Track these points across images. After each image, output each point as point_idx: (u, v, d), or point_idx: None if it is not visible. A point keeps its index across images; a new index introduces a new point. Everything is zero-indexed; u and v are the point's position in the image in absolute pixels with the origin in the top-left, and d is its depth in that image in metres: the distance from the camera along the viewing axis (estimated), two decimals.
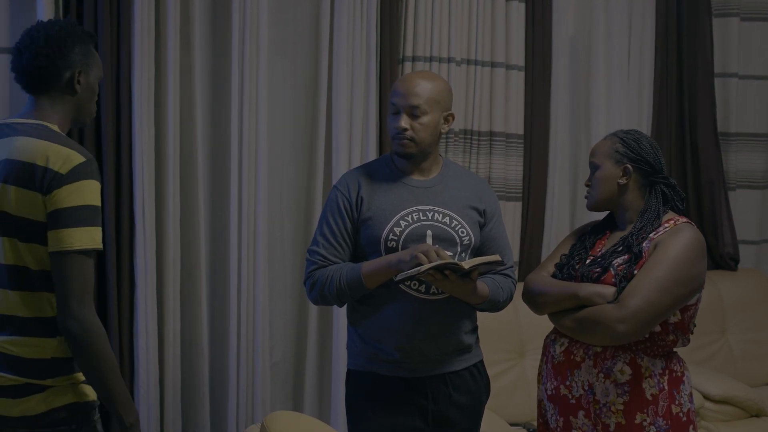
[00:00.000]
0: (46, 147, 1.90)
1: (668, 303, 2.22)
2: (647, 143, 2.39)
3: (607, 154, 2.39)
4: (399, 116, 2.35)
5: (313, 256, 2.41)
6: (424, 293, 2.35)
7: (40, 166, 1.88)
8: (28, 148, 1.91)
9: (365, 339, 2.42)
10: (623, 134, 2.42)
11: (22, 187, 1.89)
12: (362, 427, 2.43)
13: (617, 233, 2.43)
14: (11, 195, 1.90)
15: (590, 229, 2.53)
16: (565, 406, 2.36)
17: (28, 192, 1.89)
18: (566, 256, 2.47)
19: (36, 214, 1.89)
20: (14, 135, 1.94)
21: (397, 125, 2.34)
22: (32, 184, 1.88)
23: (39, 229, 1.89)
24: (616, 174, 2.37)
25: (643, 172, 2.38)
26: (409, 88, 2.34)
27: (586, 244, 2.46)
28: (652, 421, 2.26)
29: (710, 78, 4.27)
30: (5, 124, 1.99)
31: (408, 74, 2.44)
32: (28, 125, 1.95)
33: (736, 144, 4.42)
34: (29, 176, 1.89)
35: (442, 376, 2.42)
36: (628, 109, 4.05)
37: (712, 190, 4.32)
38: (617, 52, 4.00)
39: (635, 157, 2.37)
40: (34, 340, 1.94)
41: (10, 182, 1.90)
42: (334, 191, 2.46)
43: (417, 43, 3.56)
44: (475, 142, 3.73)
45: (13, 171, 1.90)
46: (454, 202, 2.42)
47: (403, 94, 2.35)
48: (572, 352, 2.35)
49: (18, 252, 1.92)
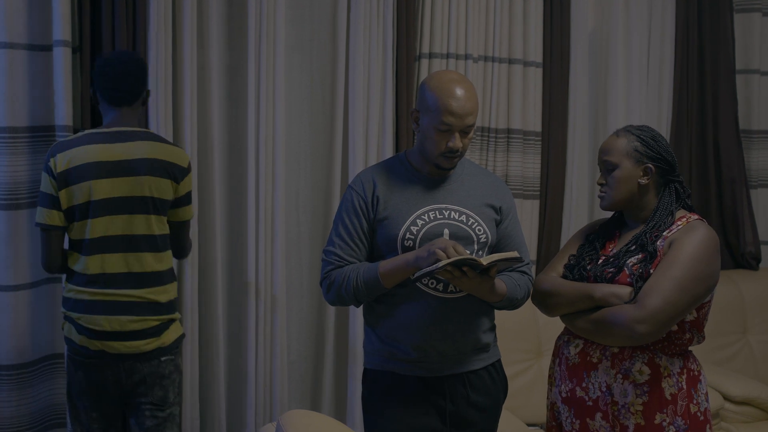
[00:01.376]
0: (169, 148, 2.69)
1: (687, 302, 2.20)
2: (663, 141, 2.36)
3: (625, 153, 2.34)
4: (453, 136, 2.32)
5: (329, 256, 2.41)
6: (441, 292, 2.34)
7: (170, 162, 2.67)
8: (156, 149, 2.65)
9: (383, 338, 2.41)
10: (638, 131, 2.36)
11: (160, 177, 2.64)
12: (379, 426, 2.42)
13: (628, 232, 2.41)
14: (152, 184, 2.63)
15: (598, 228, 2.51)
16: (582, 408, 2.34)
17: (164, 180, 2.64)
18: (575, 256, 2.45)
19: (168, 195, 2.67)
20: (137, 140, 2.64)
21: (453, 145, 2.32)
22: (166, 174, 2.65)
23: (166, 206, 2.68)
24: (636, 174, 2.34)
25: (661, 171, 2.35)
26: (465, 109, 2.30)
27: (596, 244, 2.43)
28: (672, 421, 2.25)
29: (732, 74, 4.24)
30: (120, 132, 2.65)
31: (458, 90, 2.31)
32: (140, 132, 2.68)
33: (758, 141, 4.38)
34: (164, 169, 2.65)
35: (460, 376, 2.42)
36: (647, 106, 4.03)
37: (734, 189, 4.28)
38: (637, 48, 3.98)
39: (656, 156, 2.34)
40: (166, 287, 2.69)
41: (154, 174, 2.63)
42: (350, 191, 2.45)
43: (434, 40, 3.55)
44: (493, 140, 3.72)
45: (153, 166, 2.63)
46: (471, 200, 2.42)
47: (459, 115, 2.30)
48: (588, 353, 2.33)
49: (150, 224, 2.64)
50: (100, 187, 2.57)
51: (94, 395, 2.65)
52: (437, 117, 2.30)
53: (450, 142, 2.31)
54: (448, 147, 2.32)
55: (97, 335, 2.60)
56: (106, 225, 2.59)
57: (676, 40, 4.09)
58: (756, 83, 4.33)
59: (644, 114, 3.99)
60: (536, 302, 2.47)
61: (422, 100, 2.35)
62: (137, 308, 2.62)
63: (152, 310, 2.65)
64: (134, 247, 2.62)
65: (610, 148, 2.37)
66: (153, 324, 2.64)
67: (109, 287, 2.60)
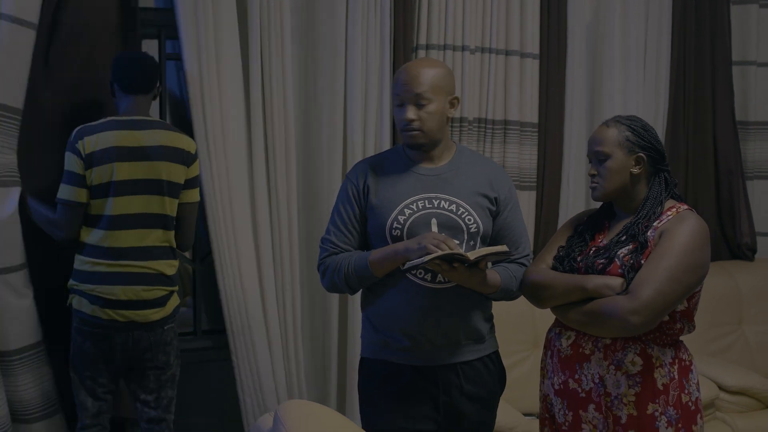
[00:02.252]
0: (179, 136, 2.97)
1: (679, 292, 2.20)
2: (653, 130, 2.37)
3: (617, 143, 2.34)
4: (404, 108, 2.35)
5: (324, 243, 2.47)
6: (430, 282, 2.36)
7: (182, 149, 2.96)
8: (169, 137, 2.94)
9: (377, 327, 2.44)
10: (627, 121, 2.37)
11: (173, 162, 2.92)
12: (375, 414, 2.45)
13: (618, 223, 2.41)
14: (167, 168, 2.91)
15: (587, 219, 2.51)
16: (575, 400, 2.35)
17: (176, 165, 2.93)
18: (564, 248, 2.45)
19: (180, 179, 2.95)
20: (153, 128, 2.92)
21: (403, 117, 2.34)
22: (178, 160, 2.94)
23: (179, 188, 2.96)
24: (628, 164, 2.34)
25: (652, 160, 2.36)
26: (411, 78, 2.33)
27: (586, 235, 2.44)
28: (663, 411, 2.26)
29: (728, 66, 4.24)
30: (139, 120, 2.92)
31: (407, 64, 2.41)
32: (155, 122, 2.97)
33: (755, 133, 4.38)
34: (177, 155, 2.94)
35: (453, 366, 2.43)
36: (644, 98, 4.02)
37: (730, 180, 4.29)
38: (634, 40, 3.97)
39: (647, 145, 2.35)
40: (172, 261, 2.98)
41: (168, 159, 2.91)
42: (346, 180, 2.50)
43: (431, 32, 3.55)
44: (489, 131, 3.72)
45: (167, 152, 2.92)
46: (463, 190, 2.42)
47: (405, 84, 2.33)
48: (580, 345, 2.34)
49: (164, 204, 2.92)
50: (121, 168, 2.85)
51: (102, 363, 2.89)
52: (393, 91, 2.38)
53: (403, 114, 2.34)
54: (402, 119, 2.34)
55: (111, 304, 2.84)
56: (126, 203, 2.86)
57: (673, 32, 4.09)
58: (753, 75, 4.33)
59: (641, 105, 3.98)
60: (527, 295, 2.47)
61: None
62: (149, 279, 2.89)
63: (160, 281, 2.92)
64: (149, 224, 2.91)
65: (601, 139, 2.37)
66: (160, 294, 2.91)
67: (125, 259, 2.87)
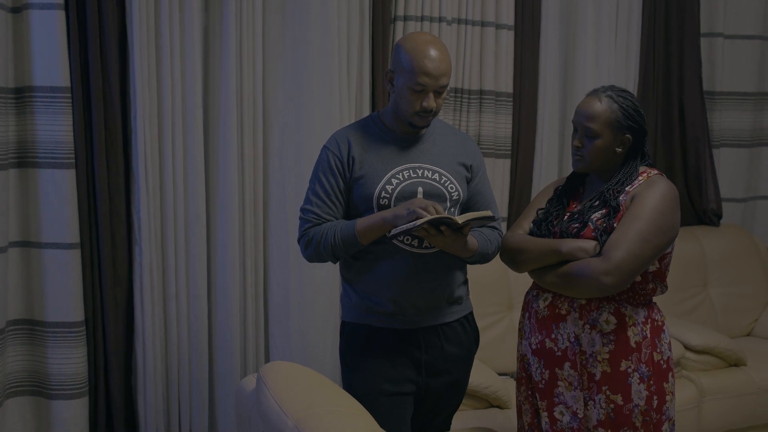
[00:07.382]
0: None
1: (650, 253, 2.26)
2: (641, 109, 2.38)
3: (608, 123, 2.34)
4: (427, 96, 2.35)
5: (306, 214, 2.45)
6: (417, 248, 2.40)
7: None
8: None
9: (360, 293, 2.47)
10: (620, 99, 2.35)
11: None
12: (357, 377, 2.48)
13: (591, 188, 2.45)
14: None
15: (563, 185, 2.54)
16: (551, 358, 2.40)
17: None
18: (543, 210, 2.49)
19: None
20: None
21: (428, 105, 2.35)
22: None
23: None
24: (615, 143, 2.37)
25: (636, 141, 2.39)
26: (439, 70, 2.33)
27: (563, 200, 2.48)
28: (636, 368, 2.32)
29: (697, 38, 4.30)
30: None
31: (432, 51, 2.34)
32: None
33: (721, 103, 4.45)
34: None
35: (435, 328, 2.48)
36: (615, 68, 4.07)
37: (697, 148, 4.35)
38: (606, 11, 4.00)
39: (635, 128, 2.36)
40: None
41: None
42: (325, 151, 2.48)
43: (409, 3, 3.56)
44: (466, 101, 3.76)
45: None
46: (443, 159, 2.46)
47: (434, 75, 2.32)
48: (557, 306, 2.39)
49: None
50: None
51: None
52: (412, 78, 2.33)
53: (424, 102, 2.35)
54: (422, 107, 2.35)
55: None
56: None
57: (644, 4, 4.13)
58: (719, 46, 4.38)
59: (612, 75, 4.03)
60: (505, 259, 2.52)
61: (397, 62, 2.38)
62: None
63: None
64: None
65: (591, 114, 2.35)
66: None
67: None
